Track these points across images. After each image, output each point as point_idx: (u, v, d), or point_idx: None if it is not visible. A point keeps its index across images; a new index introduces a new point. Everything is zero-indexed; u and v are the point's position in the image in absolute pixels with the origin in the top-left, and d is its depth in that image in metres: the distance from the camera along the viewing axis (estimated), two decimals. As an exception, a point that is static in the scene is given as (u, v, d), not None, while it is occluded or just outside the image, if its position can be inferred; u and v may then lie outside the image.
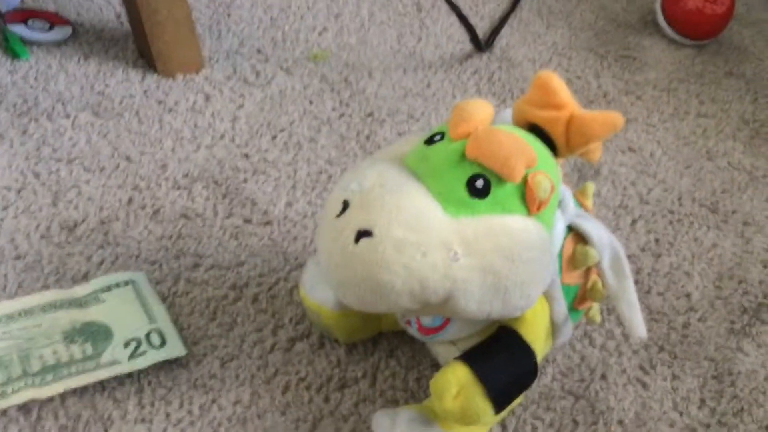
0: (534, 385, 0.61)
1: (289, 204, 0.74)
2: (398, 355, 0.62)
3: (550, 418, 0.59)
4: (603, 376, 0.62)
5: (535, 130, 0.52)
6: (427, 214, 0.46)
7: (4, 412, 0.55)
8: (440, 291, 0.46)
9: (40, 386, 0.55)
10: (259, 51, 0.93)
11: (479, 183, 0.47)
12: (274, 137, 0.81)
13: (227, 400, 0.57)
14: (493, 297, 0.47)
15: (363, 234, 0.46)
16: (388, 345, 0.62)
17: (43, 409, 0.55)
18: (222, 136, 0.80)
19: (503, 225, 0.47)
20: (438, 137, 0.50)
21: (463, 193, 0.47)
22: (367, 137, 0.83)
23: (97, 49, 0.89)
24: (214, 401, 0.57)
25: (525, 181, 0.47)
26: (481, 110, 0.49)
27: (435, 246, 0.46)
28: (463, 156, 0.47)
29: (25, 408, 0.55)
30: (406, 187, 0.47)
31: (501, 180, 0.47)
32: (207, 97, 0.85)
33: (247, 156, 0.79)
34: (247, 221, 0.72)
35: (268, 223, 0.72)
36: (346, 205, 0.48)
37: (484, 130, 0.48)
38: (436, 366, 0.61)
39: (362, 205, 0.47)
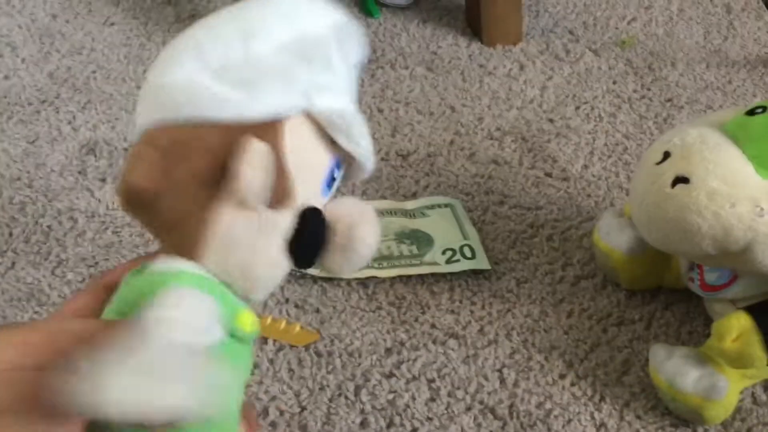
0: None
1: (585, 166, 0.83)
2: (674, 309, 0.69)
3: (817, 392, 0.62)
4: None
5: None
6: (740, 172, 0.53)
7: (348, 282, 0.70)
8: (741, 241, 0.53)
9: (378, 269, 0.69)
10: (570, 32, 1.02)
11: (796, 153, 0.53)
12: (577, 108, 0.90)
13: (520, 311, 0.68)
14: (789, 256, 0.53)
15: (680, 180, 0.54)
16: (665, 298, 0.69)
17: (377, 287, 0.69)
18: (531, 101, 0.91)
19: (812, 193, 0.52)
20: (760, 110, 0.56)
21: (778, 159, 0.53)
22: (665, 120, 0.89)
23: (434, 16, 1.04)
24: (509, 310, 0.68)
25: (841, 157, 0.52)
26: (807, 90, 0.54)
27: (744, 199, 0.53)
28: (783, 127, 0.53)
29: (363, 283, 0.70)
30: (723, 147, 0.54)
31: (817, 153, 0.52)
32: (521, 67, 0.96)
33: (551, 120, 0.89)
34: (548, 175, 0.82)
35: (565, 179, 0.81)
36: (666, 155, 0.56)
37: (809, 106, 0.53)
38: (709, 324, 0.67)
39: (683, 155, 0.55)
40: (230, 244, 0.35)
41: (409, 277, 0.70)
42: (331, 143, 0.36)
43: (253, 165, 0.34)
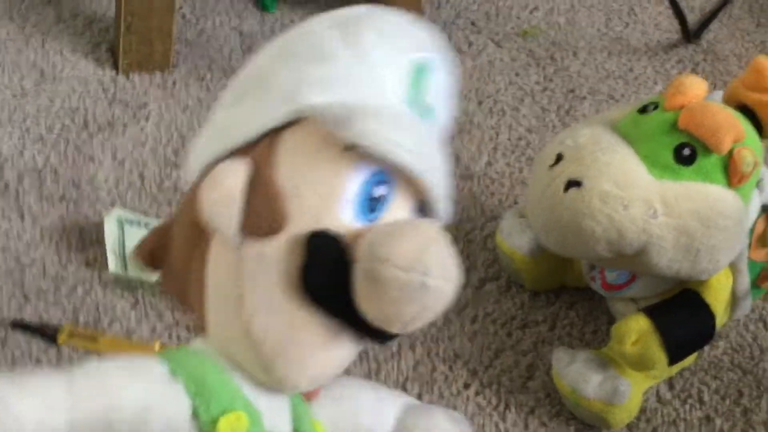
0: (704, 355, 0.64)
1: (489, 163, 0.81)
2: (577, 308, 0.68)
3: (716, 386, 0.62)
4: (774, 359, 0.65)
5: (745, 111, 0.56)
6: (633, 173, 0.52)
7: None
8: (635, 243, 0.52)
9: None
10: (473, 23, 1.00)
11: (686, 151, 0.52)
12: (480, 102, 0.88)
13: (423, 320, 0.66)
14: (683, 257, 0.52)
15: (573, 184, 0.52)
16: (569, 298, 0.68)
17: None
18: (434, 96, 0.89)
19: (703, 192, 0.52)
20: (652, 107, 0.55)
21: (669, 158, 0.52)
22: (567, 112, 0.88)
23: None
24: (412, 319, 0.66)
25: (730, 154, 0.52)
26: (696, 85, 0.54)
27: (637, 201, 0.51)
28: (674, 125, 0.52)
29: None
30: (616, 147, 0.53)
31: (707, 150, 0.52)
32: (423, 60, 0.94)
33: (454, 117, 0.86)
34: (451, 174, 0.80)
35: (469, 177, 0.79)
36: (559, 157, 0.54)
37: (698, 102, 0.52)
38: (612, 323, 0.66)
39: (575, 158, 0.53)
40: (217, 294, 0.28)
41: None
42: (361, 153, 0.28)
43: (207, 185, 0.27)
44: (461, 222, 0.74)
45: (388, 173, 0.29)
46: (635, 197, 0.51)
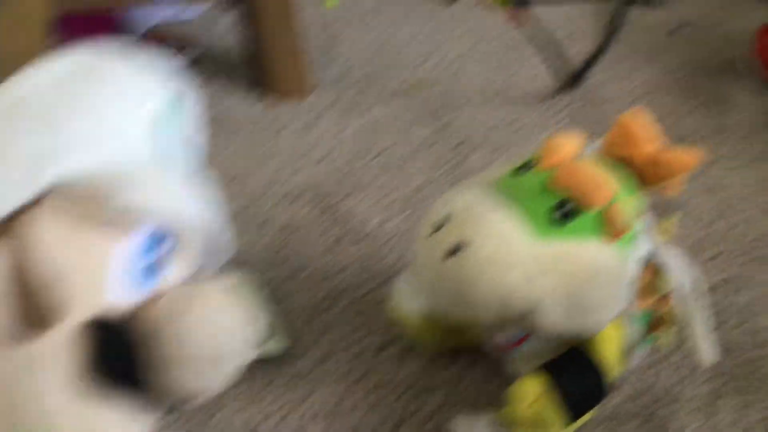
0: (604, 405, 0.64)
1: (381, 223, 0.80)
2: (477, 368, 0.67)
3: (619, 437, 0.62)
4: (670, 403, 0.65)
5: (622, 163, 0.56)
6: (513, 236, 0.51)
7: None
8: (520, 307, 0.51)
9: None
10: (360, 82, 1.00)
11: (563, 210, 0.52)
12: (371, 160, 0.88)
13: (319, 395, 0.63)
14: (569, 316, 0.52)
15: (455, 250, 0.51)
16: (469, 356, 0.67)
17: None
18: (324, 158, 0.88)
19: (583, 250, 0.52)
20: (528, 166, 0.55)
21: (547, 218, 0.52)
22: (457, 165, 0.88)
23: (215, 72, 0.99)
24: (309, 395, 0.63)
25: (606, 210, 0.52)
26: (570, 143, 0.54)
27: (519, 265, 0.51)
28: (550, 184, 0.52)
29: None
30: (496, 209, 0.53)
31: (584, 208, 0.52)
32: (312, 123, 0.93)
33: (345, 176, 0.85)
34: (343, 236, 0.78)
35: (362, 239, 0.78)
36: (440, 224, 0.53)
37: (571, 161, 0.52)
38: (512, 380, 0.65)
39: (456, 223, 0.52)
40: (3, 398, 0.26)
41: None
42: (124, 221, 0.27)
43: None
44: (357, 286, 0.73)
45: (162, 230, 0.28)
46: (518, 261, 0.51)
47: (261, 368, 0.65)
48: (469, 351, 0.68)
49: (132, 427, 0.28)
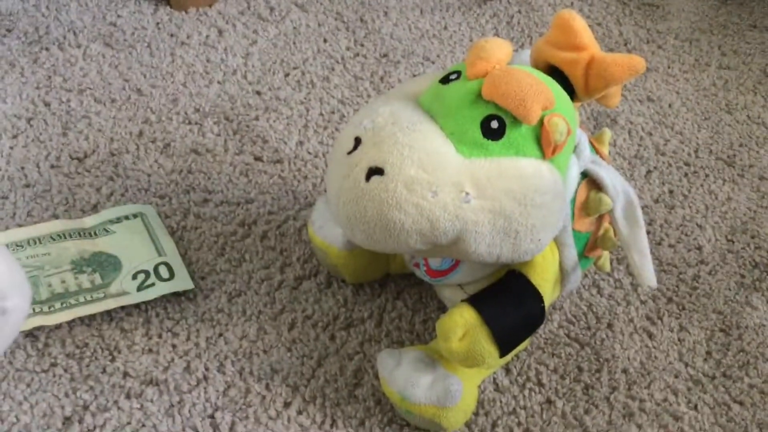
0: (540, 331, 0.61)
1: (300, 143, 0.73)
2: (405, 297, 0.62)
3: (555, 364, 0.59)
4: (609, 325, 0.62)
5: (554, 72, 0.51)
6: (439, 154, 0.46)
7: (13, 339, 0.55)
8: (450, 232, 0.46)
9: (47, 314, 0.55)
10: (274, -14, 0.91)
11: (494, 124, 0.46)
12: (287, 75, 0.80)
13: (234, 334, 0.58)
14: (503, 240, 0.47)
15: (374, 171, 0.45)
16: (395, 287, 0.62)
17: (51, 337, 0.56)
18: (234, 72, 0.79)
19: (516, 168, 0.46)
20: (454, 76, 0.49)
21: (477, 133, 0.46)
22: (381, 78, 0.81)
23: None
24: (221, 335, 0.57)
25: (541, 123, 0.46)
26: (499, 49, 0.48)
27: (446, 186, 0.45)
28: (478, 96, 0.46)
29: (32, 335, 0.56)
30: (419, 126, 0.47)
31: (516, 121, 0.46)
32: (220, 32, 0.84)
33: (259, 93, 0.78)
34: (258, 159, 0.71)
35: (278, 161, 0.71)
36: (358, 142, 0.47)
37: (502, 69, 0.47)
38: (442, 309, 0.61)
39: (374, 142, 0.46)
40: None
41: (93, 316, 0.57)
42: None
43: None
44: (272, 213, 0.66)
45: None
46: (444, 181, 0.45)
47: (163, 311, 0.58)
48: (396, 280, 0.63)
49: None
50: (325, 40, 0.85)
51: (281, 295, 0.61)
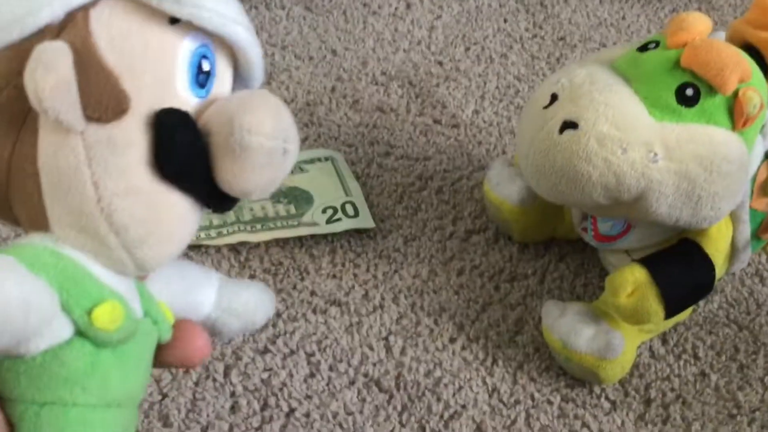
0: (700, 309, 0.62)
1: (476, 111, 0.78)
2: (567, 260, 0.65)
3: (712, 341, 0.60)
4: (766, 315, 0.62)
5: (750, 51, 0.53)
6: (632, 114, 0.49)
7: (218, 249, 0.63)
8: (634, 189, 0.49)
9: (250, 232, 0.63)
10: (460, -33, 0.96)
11: (689, 91, 0.49)
12: (467, 49, 0.85)
13: (408, 272, 0.63)
14: (684, 203, 0.49)
15: (568, 125, 0.49)
16: (559, 250, 0.66)
17: (251, 252, 0.63)
18: (419, 43, 0.85)
19: (706, 135, 0.49)
20: (652, 45, 0.51)
21: (671, 99, 0.49)
22: (557, 60, 0.84)
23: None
24: (396, 271, 0.63)
25: (735, 95, 0.48)
26: (700, 22, 0.50)
27: (636, 144, 0.48)
28: (676, 64, 0.49)
29: (235, 249, 0.63)
30: (614, 87, 0.50)
31: (711, 91, 0.48)
32: (408, 5, 0.89)
33: (440, 63, 0.83)
34: (437, 122, 0.76)
35: (455, 126, 0.76)
36: (554, 97, 0.51)
37: (702, 39, 0.49)
38: (604, 275, 0.63)
39: (571, 98, 0.50)
40: (61, 185, 0.26)
41: (287, 240, 0.64)
42: (181, 22, 0.28)
43: (39, 70, 0.25)
44: (447, 171, 0.71)
45: (210, 46, 0.29)
46: (634, 140, 0.48)
47: (347, 243, 0.64)
48: (560, 244, 0.66)
49: (190, 218, 0.29)
50: (505, 20, 0.89)
51: (452, 244, 0.65)
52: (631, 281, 0.52)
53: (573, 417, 0.55)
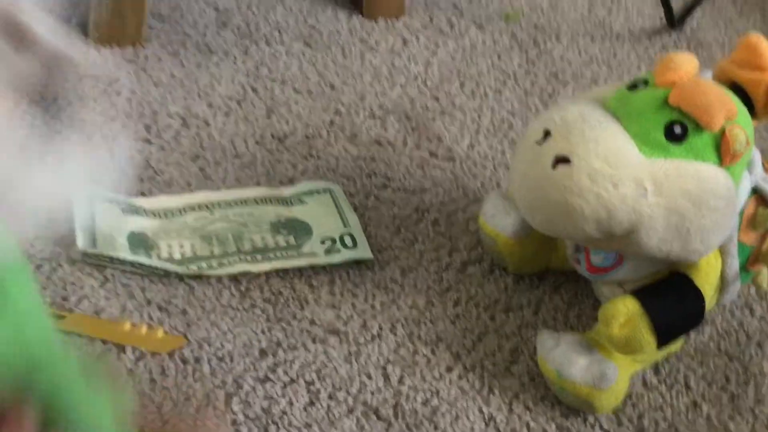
0: (691, 341, 0.63)
1: (471, 145, 0.79)
2: (562, 292, 0.66)
3: (703, 372, 0.61)
4: (759, 344, 0.64)
5: (736, 91, 0.55)
6: (623, 151, 0.51)
7: (219, 279, 0.64)
8: (625, 223, 0.51)
9: (251, 262, 0.64)
10: (455, 5, 0.98)
11: (677, 129, 0.51)
12: (462, 84, 0.87)
13: (405, 302, 0.64)
14: (674, 237, 0.51)
15: (561, 160, 0.51)
16: (553, 281, 0.67)
17: (251, 282, 0.64)
18: (415, 78, 0.87)
19: (695, 171, 0.50)
20: (641, 84, 0.53)
21: (660, 136, 0.51)
22: (550, 95, 0.87)
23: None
24: (393, 301, 0.64)
25: (722, 132, 0.50)
26: (687, 62, 0.52)
27: (627, 180, 0.50)
28: (665, 102, 0.51)
29: (236, 279, 0.64)
30: (605, 124, 0.52)
31: (699, 128, 0.50)
32: (405, 42, 0.92)
33: (436, 98, 0.85)
34: (433, 155, 0.78)
35: (451, 159, 0.78)
36: (547, 133, 0.53)
37: (690, 79, 0.51)
38: (597, 306, 0.65)
39: (563, 135, 0.52)
40: None
41: (286, 270, 0.65)
42: None
43: None
44: (443, 204, 0.73)
45: None
46: (625, 176, 0.50)
47: (345, 274, 0.65)
48: (555, 275, 0.67)
49: None
50: (499, 57, 0.91)
51: (448, 275, 0.67)
52: (624, 312, 0.54)
53: (567, 446, 0.56)
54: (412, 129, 0.80)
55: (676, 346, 0.60)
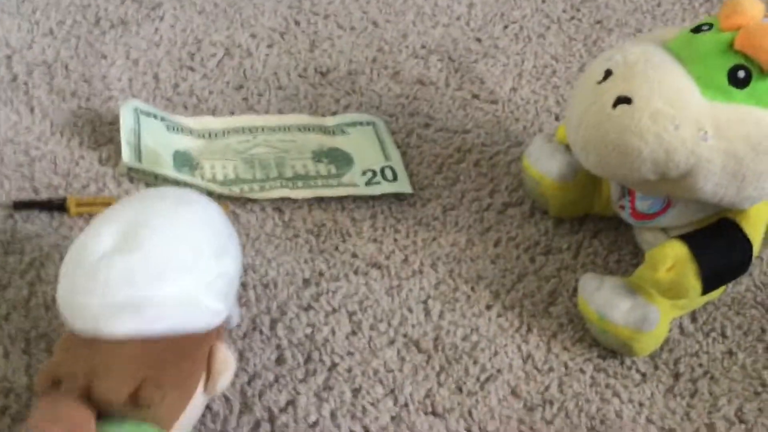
0: (728, 290, 0.63)
1: (514, 89, 0.79)
2: (601, 237, 0.66)
3: (739, 321, 0.62)
4: (796, 299, 0.64)
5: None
6: (685, 93, 0.50)
7: (263, 208, 0.64)
8: (682, 165, 0.50)
9: (292, 188, 0.64)
10: (499, -53, 0.97)
11: (741, 73, 0.50)
12: (505, 27, 0.86)
13: (446, 240, 0.64)
14: (729, 182, 0.51)
15: (622, 100, 0.50)
16: (593, 226, 0.67)
17: (294, 213, 0.64)
18: (458, 18, 0.86)
19: (755, 116, 0.50)
20: (706, 27, 0.53)
21: (723, 80, 0.50)
22: (594, 42, 0.85)
23: None
24: (434, 239, 0.64)
25: (788, 79, 0.50)
26: (754, 6, 0.51)
27: (688, 122, 0.50)
28: (729, 46, 0.50)
29: (279, 209, 0.64)
30: (668, 66, 0.51)
31: (762, 74, 0.50)
32: (448, -19, 0.90)
33: (479, 40, 0.84)
34: (475, 96, 0.77)
35: (493, 101, 0.77)
36: (608, 73, 0.52)
37: (757, 23, 0.50)
38: (636, 253, 0.65)
39: (625, 75, 0.51)
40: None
41: (329, 202, 0.65)
42: None
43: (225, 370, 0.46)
44: (485, 145, 0.72)
45: None
46: (686, 118, 0.49)
47: (387, 209, 0.66)
48: (594, 220, 0.67)
49: None
50: (543, 1, 0.90)
51: (489, 215, 0.67)
52: (672, 256, 0.54)
53: (604, 386, 0.57)
54: (455, 70, 0.80)
55: (716, 293, 0.60)
